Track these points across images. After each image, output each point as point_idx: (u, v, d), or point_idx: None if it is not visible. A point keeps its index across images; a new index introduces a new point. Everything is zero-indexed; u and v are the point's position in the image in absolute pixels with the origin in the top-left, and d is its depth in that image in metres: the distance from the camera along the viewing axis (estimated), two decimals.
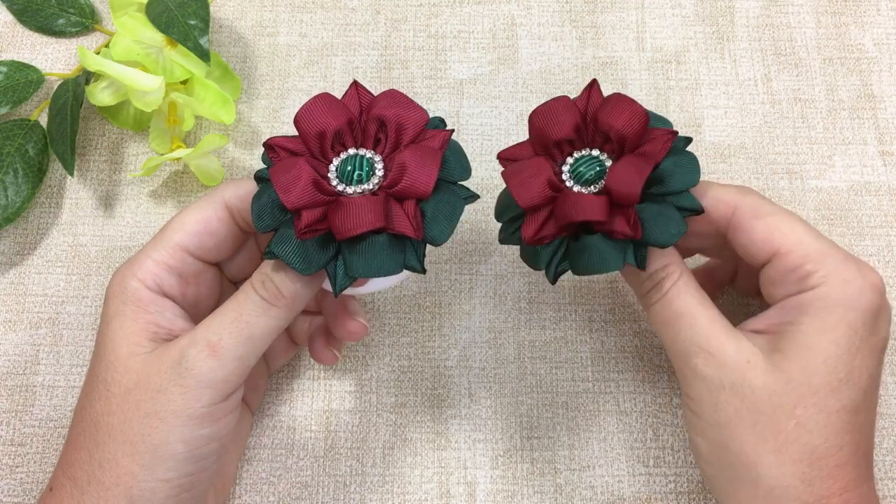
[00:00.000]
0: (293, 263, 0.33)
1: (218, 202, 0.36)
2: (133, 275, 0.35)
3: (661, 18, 0.53)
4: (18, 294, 0.46)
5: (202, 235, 0.36)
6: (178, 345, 0.34)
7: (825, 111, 0.50)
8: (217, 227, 0.36)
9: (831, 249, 0.34)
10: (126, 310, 0.35)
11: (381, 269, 0.32)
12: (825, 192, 0.48)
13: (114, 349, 0.34)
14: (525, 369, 0.45)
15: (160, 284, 0.36)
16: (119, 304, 0.35)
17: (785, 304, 0.35)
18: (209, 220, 0.36)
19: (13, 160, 0.46)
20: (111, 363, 0.34)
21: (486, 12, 0.53)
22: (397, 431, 0.44)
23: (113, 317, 0.35)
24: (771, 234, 0.35)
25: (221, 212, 0.36)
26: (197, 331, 0.34)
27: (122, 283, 0.35)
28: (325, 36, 0.52)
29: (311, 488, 0.43)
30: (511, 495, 0.42)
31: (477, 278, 0.46)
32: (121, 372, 0.34)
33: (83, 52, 0.44)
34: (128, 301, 0.35)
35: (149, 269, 0.35)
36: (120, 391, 0.34)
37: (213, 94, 0.46)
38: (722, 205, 0.36)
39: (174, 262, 0.36)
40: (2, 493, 0.42)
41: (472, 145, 0.49)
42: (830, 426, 0.32)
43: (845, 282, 0.33)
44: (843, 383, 0.33)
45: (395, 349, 0.45)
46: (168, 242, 0.36)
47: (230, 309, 0.34)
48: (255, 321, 0.34)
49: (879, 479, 0.43)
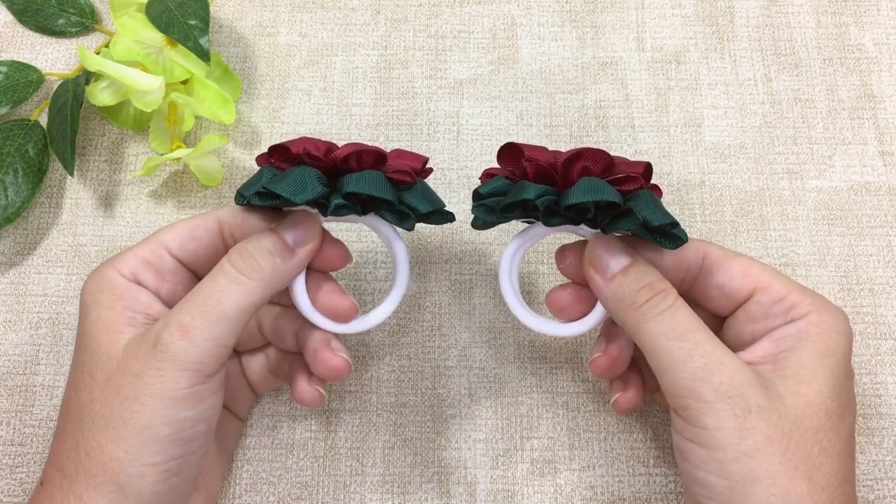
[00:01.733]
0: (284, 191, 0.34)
1: (211, 215, 0.37)
2: (111, 266, 0.35)
3: (661, 18, 0.53)
4: (18, 294, 0.46)
5: (184, 237, 0.36)
6: (153, 328, 0.34)
7: (825, 111, 0.50)
8: (202, 234, 0.37)
9: (800, 285, 0.35)
10: (102, 298, 0.35)
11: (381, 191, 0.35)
12: (825, 192, 0.48)
13: (95, 338, 0.34)
14: (525, 369, 0.45)
15: (136, 275, 0.36)
16: (95, 293, 0.35)
17: (776, 335, 0.34)
18: (197, 226, 0.37)
19: (13, 160, 0.46)
20: (94, 352, 0.34)
21: (486, 12, 0.53)
22: (397, 431, 0.44)
23: (90, 306, 0.35)
24: (748, 270, 0.35)
25: (211, 223, 0.37)
26: (171, 313, 0.34)
27: (99, 274, 0.35)
28: (325, 36, 0.52)
29: (311, 488, 0.43)
30: (511, 495, 0.42)
31: (477, 278, 0.46)
32: (103, 360, 0.34)
33: (83, 52, 0.44)
34: (103, 289, 0.35)
35: (126, 261, 0.36)
36: (102, 378, 0.33)
37: (213, 94, 0.46)
38: (692, 250, 0.36)
39: (152, 256, 0.36)
40: (2, 493, 0.42)
41: (472, 145, 0.49)
42: (844, 450, 0.32)
43: (830, 310, 0.34)
44: (846, 407, 0.33)
45: (395, 349, 0.45)
46: (151, 240, 0.36)
47: (203, 287, 0.34)
48: (228, 297, 0.34)
49: (879, 479, 0.43)
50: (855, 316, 0.46)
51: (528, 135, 0.49)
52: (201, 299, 0.34)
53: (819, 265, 0.47)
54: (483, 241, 0.47)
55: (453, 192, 0.48)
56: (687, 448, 0.33)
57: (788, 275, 0.46)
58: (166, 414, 0.33)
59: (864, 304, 0.46)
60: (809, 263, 0.47)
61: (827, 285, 0.46)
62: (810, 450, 0.32)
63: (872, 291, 0.46)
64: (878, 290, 0.46)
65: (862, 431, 0.43)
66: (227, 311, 0.34)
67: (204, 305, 0.34)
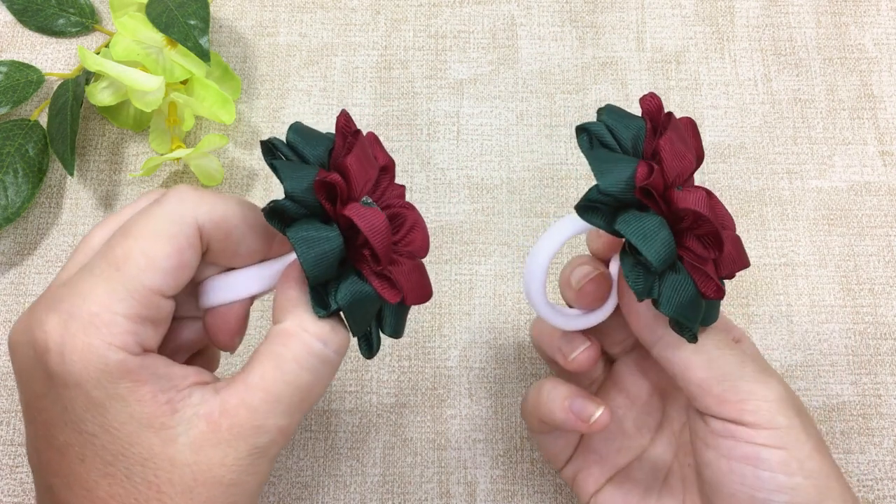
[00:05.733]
0: (358, 322, 0.30)
1: (189, 224, 0.29)
2: (108, 344, 0.27)
3: (661, 18, 0.53)
4: (18, 294, 0.46)
5: (176, 272, 0.29)
6: (239, 434, 0.28)
7: (825, 111, 0.50)
8: (191, 259, 0.29)
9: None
10: (120, 391, 0.28)
11: (404, 326, 0.32)
12: (825, 192, 0.48)
13: (140, 443, 0.28)
14: (525, 369, 0.45)
15: (141, 343, 0.28)
16: (106, 386, 0.27)
17: None
18: (182, 250, 0.29)
19: (13, 160, 0.46)
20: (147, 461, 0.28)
21: (486, 12, 0.53)
22: (397, 431, 0.44)
23: (107, 404, 0.28)
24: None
25: (194, 238, 0.29)
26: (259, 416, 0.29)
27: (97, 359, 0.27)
28: (325, 36, 0.52)
29: (311, 488, 0.43)
30: (511, 495, 0.42)
31: (477, 278, 0.46)
32: (167, 469, 0.28)
33: (83, 52, 0.44)
34: (117, 380, 0.28)
35: (123, 330, 0.28)
36: (176, 491, 0.28)
37: (213, 94, 0.46)
38: None
39: (147, 311, 0.28)
40: (2, 493, 0.42)
41: (472, 145, 0.49)
42: None
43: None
44: None
45: (395, 349, 0.45)
46: (135, 287, 0.28)
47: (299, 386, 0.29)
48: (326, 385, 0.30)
49: (879, 479, 0.43)
50: (855, 316, 0.46)
51: (528, 135, 0.49)
52: (300, 400, 0.29)
53: (819, 265, 0.47)
54: (483, 241, 0.47)
55: (453, 191, 0.48)
56: (762, 455, 0.31)
57: (788, 275, 0.46)
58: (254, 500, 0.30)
59: (864, 304, 0.46)
60: (809, 263, 0.47)
61: (827, 285, 0.46)
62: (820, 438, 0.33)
63: (872, 291, 0.46)
64: (878, 290, 0.46)
65: (862, 431, 0.43)
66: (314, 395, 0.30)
67: (304, 405, 0.30)
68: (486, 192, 0.48)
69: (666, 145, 0.30)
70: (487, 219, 0.48)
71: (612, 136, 0.31)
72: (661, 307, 0.30)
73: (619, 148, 0.31)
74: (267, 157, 0.30)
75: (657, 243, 0.29)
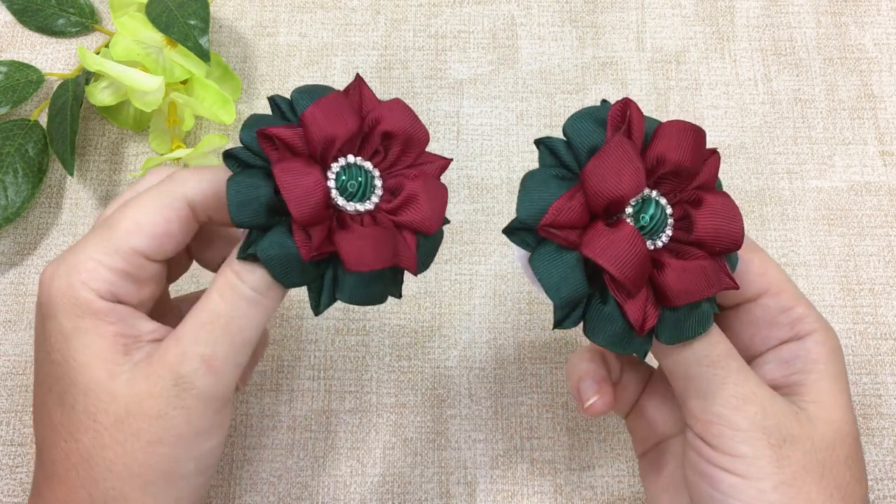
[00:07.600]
0: (278, 274, 0.30)
1: (178, 199, 0.32)
2: (83, 283, 0.31)
3: (661, 18, 0.53)
4: (18, 294, 0.46)
5: (162, 238, 0.32)
6: (165, 363, 0.30)
7: (825, 111, 0.50)
8: (177, 229, 0.32)
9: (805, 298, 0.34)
10: (85, 325, 0.30)
11: (373, 298, 0.31)
12: (825, 192, 0.48)
13: (88, 373, 0.30)
14: (525, 369, 0.45)
15: (115, 293, 0.31)
16: (74, 318, 0.31)
17: (782, 355, 0.33)
18: (169, 220, 0.32)
19: (13, 160, 0.46)
20: (88, 389, 0.30)
21: (486, 12, 0.53)
22: (397, 431, 0.44)
23: (71, 335, 0.31)
24: (765, 270, 0.33)
25: (183, 211, 0.32)
26: (183, 341, 0.30)
27: (71, 294, 0.31)
28: (325, 36, 0.52)
29: (311, 488, 0.43)
30: (511, 495, 0.42)
31: (477, 278, 0.46)
32: (105, 400, 0.30)
33: (83, 52, 0.44)
34: (84, 314, 0.31)
35: (101, 277, 0.31)
36: (110, 421, 0.30)
37: (213, 94, 0.46)
38: None
39: (131, 268, 0.31)
40: (2, 493, 0.42)
41: (472, 145, 0.49)
42: (863, 475, 0.32)
43: (829, 328, 0.33)
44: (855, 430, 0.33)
45: (395, 349, 0.45)
46: (121, 245, 0.31)
47: (218, 312, 0.31)
48: (250, 323, 0.31)
49: (879, 479, 0.43)
50: (855, 316, 0.46)
51: (528, 135, 0.49)
52: (220, 326, 0.30)
53: (819, 265, 0.47)
54: (483, 241, 0.47)
55: (453, 191, 0.48)
56: (718, 476, 0.31)
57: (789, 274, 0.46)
58: (191, 449, 0.31)
59: (864, 304, 0.46)
60: (809, 263, 0.47)
61: (827, 285, 0.46)
62: (843, 476, 0.31)
63: (872, 291, 0.46)
64: (878, 290, 0.46)
65: (862, 431, 0.43)
66: (250, 337, 0.31)
67: (226, 335, 0.31)
68: (486, 192, 0.48)
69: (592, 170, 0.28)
70: (487, 219, 0.48)
71: (568, 150, 0.30)
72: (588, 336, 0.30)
73: (577, 163, 0.29)
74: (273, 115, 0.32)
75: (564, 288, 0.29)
